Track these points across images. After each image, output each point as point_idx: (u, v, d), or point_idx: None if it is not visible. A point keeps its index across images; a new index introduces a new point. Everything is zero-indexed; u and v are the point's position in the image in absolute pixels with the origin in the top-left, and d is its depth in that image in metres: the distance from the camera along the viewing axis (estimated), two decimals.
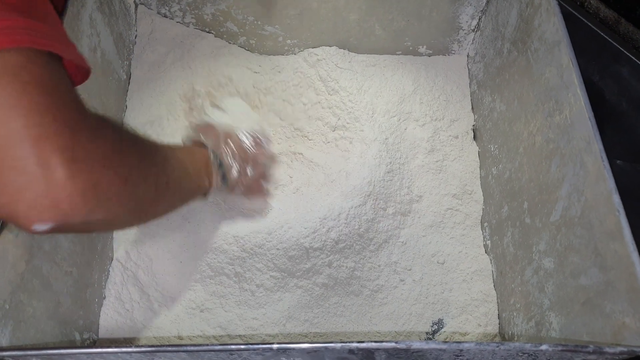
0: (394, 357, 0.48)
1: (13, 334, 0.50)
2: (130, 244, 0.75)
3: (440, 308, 0.76)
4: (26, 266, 0.53)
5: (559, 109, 0.61)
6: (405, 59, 0.92)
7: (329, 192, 0.76)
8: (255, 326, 0.71)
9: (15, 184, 0.36)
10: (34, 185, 0.36)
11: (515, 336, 0.69)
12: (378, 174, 0.77)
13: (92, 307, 0.69)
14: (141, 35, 0.88)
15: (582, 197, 0.55)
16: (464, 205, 0.82)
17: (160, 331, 0.71)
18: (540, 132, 0.65)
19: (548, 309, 0.61)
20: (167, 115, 0.83)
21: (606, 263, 0.50)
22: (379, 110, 0.83)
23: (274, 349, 0.44)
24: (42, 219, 0.37)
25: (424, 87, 0.88)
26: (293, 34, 0.89)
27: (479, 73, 0.87)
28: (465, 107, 0.89)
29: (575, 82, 0.57)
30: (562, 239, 0.59)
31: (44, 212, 0.37)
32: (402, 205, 0.79)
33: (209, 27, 0.90)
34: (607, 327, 0.49)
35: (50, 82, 0.38)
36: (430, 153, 0.83)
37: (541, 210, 0.64)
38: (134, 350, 0.45)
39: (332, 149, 0.81)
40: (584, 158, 0.55)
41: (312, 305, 0.73)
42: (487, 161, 0.82)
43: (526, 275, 0.67)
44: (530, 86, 0.68)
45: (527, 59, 0.69)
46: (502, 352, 0.45)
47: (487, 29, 0.85)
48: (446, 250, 0.79)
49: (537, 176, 0.65)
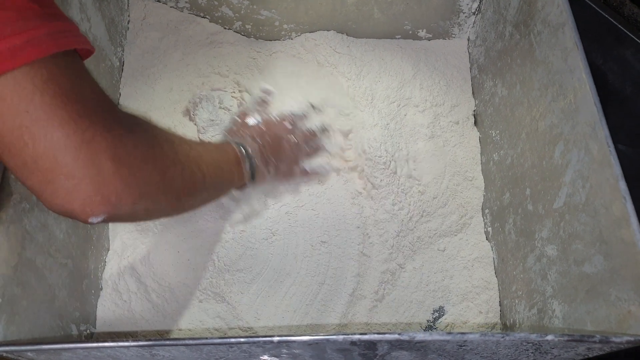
0: (396, 347, 0.48)
1: (7, 328, 0.49)
2: (126, 234, 0.74)
3: (441, 295, 0.76)
4: (19, 259, 0.52)
5: (563, 94, 0.59)
6: (404, 43, 0.90)
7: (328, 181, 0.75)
8: (254, 317, 0.70)
9: (68, 187, 0.40)
10: (84, 185, 0.40)
11: (517, 324, 0.68)
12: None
13: (89, 298, 0.68)
14: (134, 21, 0.86)
15: (586, 184, 0.54)
16: (465, 191, 0.81)
17: (158, 322, 0.70)
18: (543, 118, 0.64)
19: (551, 297, 0.60)
20: (162, 103, 0.81)
21: (611, 250, 0.49)
22: (378, 95, 0.82)
23: (275, 341, 0.44)
24: (96, 213, 0.41)
25: (424, 72, 0.86)
26: (290, 18, 0.87)
27: (480, 57, 0.86)
28: (466, 92, 0.87)
29: (580, 66, 0.56)
30: (565, 226, 0.58)
31: (97, 207, 0.41)
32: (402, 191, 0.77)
33: (204, 11, 0.87)
34: (612, 316, 0.49)
35: (78, 85, 0.40)
36: (430, 139, 0.82)
37: (544, 196, 0.63)
38: (132, 345, 0.45)
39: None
40: (589, 144, 0.54)
41: (312, 295, 0.72)
42: (489, 147, 0.81)
43: (528, 263, 0.66)
44: (533, 70, 0.67)
45: (529, 42, 0.68)
46: (507, 342, 0.45)
47: (488, 11, 0.83)
48: (446, 238, 0.78)
49: (540, 162, 0.64)
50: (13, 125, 0.38)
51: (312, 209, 0.75)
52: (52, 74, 0.39)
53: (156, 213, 0.51)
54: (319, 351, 0.48)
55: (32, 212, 0.55)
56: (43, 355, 0.48)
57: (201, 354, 0.48)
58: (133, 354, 0.47)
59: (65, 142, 0.39)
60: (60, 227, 0.60)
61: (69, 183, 0.39)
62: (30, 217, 0.54)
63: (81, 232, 0.66)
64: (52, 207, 0.41)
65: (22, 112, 0.38)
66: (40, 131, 0.38)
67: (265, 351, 0.48)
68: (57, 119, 0.38)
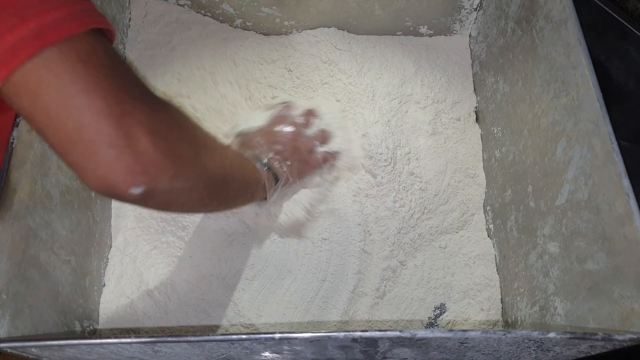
0: (398, 344, 0.48)
1: (11, 324, 0.49)
2: (128, 232, 0.74)
3: (442, 293, 0.76)
4: (23, 256, 0.52)
5: (565, 90, 0.59)
6: (405, 40, 0.90)
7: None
8: (256, 313, 0.70)
9: (109, 157, 0.41)
10: (125, 155, 0.41)
11: (519, 321, 0.68)
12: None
13: (92, 295, 0.69)
14: (135, 18, 0.86)
15: (589, 181, 0.54)
16: (467, 188, 0.81)
17: (160, 319, 0.70)
18: (545, 114, 0.64)
19: (553, 294, 0.60)
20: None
21: (614, 248, 0.49)
22: (379, 92, 0.82)
23: (276, 338, 0.44)
24: (137, 183, 0.42)
25: (425, 69, 0.86)
26: (290, 15, 0.87)
27: (481, 53, 0.86)
28: (467, 89, 0.87)
29: (583, 62, 0.56)
30: (567, 223, 0.58)
31: (137, 177, 0.42)
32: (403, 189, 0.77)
33: (205, 8, 0.87)
34: (615, 313, 0.49)
35: (115, 61, 0.42)
36: (431, 136, 0.82)
37: (546, 193, 0.63)
38: (134, 341, 0.45)
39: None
40: (591, 140, 0.54)
41: (314, 292, 0.72)
42: (490, 144, 0.81)
43: (530, 260, 0.66)
44: (535, 67, 0.67)
45: (532, 38, 0.68)
46: (509, 339, 0.45)
47: (490, 7, 0.83)
48: (448, 235, 0.78)
49: (542, 159, 0.64)
50: (59, 96, 0.39)
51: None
52: (93, 47, 0.40)
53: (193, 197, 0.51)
54: (320, 348, 0.48)
55: (35, 209, 0.55)
56: (47, 351, 0.48)
57: (203, 350, 0.48)
58: (136, 350, 0.47)
59: (107, 112, 0.40)
60: (63, 224, 0.61)
61: (111, 153, 0.40)
62: (34, 215, 0.55)
63: (84, 229, 0.66)
64: (93, 181, 0.42)
65: (68, 83, 0.39)
66: (84, 101, 0.39)
67: (267, 348, 0.48)
68: (100, 89, 0.40)
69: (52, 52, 0.38)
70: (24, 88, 0.39)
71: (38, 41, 0.38)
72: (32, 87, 0.39)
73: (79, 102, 0.39)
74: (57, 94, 0.39)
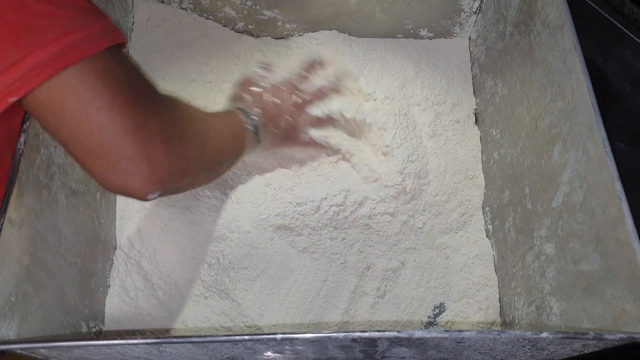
0: (396, 344, 0.49)
1: (20, 326, 0.51)
2: (133, 233, 0.75)
3: (441, 292, 0.77)
4: (31, 259, 0.54)
5: (561, 94, 0.60)
6: (406, 43, 0.91)
7: (330, 172, 0.76)
8: (258, 313, 0.72)
9: (129, 169, 0.44)
10: (142, 166, 0.45)
11: (516, 320, 0.69)
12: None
13: (97, 296, 0.70)
14: (138, 22, 0.87)
15: (584, 184, 0.55)
16: (466, 189, 0.82)
17: (165, 319, 0.72)
18: (542, 117, 0.65)
19: (549, 294, 0.61)
20: None
21: (607, 250, 0.51)
22: (380, 95, 0.82)
23: (278, 339, 0.45)
24: (153, 190, 0.47)
25: (426, 71, 0.87)
26: (292, 18, 0.88)
27: (480, 56, 0.87)
28: (467, 91, 0.88)
29: (578, 67, 0.57)
30: (563, 225, 0.59)
31: (154, 185, 0.46)
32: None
33: (207, 12, 0.88)
34: (608, 313, 0.50)
35: (128, 74, 0.45)
36: (431, 137, 0.83)
37: (543, 195, 0.64)
38: (141, 342, 0.46)
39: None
40: (586, 144, 0.55)
41: (315, 292, 0.73)
42: (489, 146, 0.82)
43: (527, 260, 0.67)
44: (533, 70, 0.68)
45: (529, 42, 0.69)
46: (504, 339, 0.46)
47: (489, 11, 0.83)
48: (447, 235, 0.80)
49: (539, 161, 0.65)
50: (81, 115, 0.42)
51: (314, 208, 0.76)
52: (109, 65, 0.43)
53: (196, 183, 0.57)
54: (321, 348, 0.50)
55: (42, 213, 0.56)
56: (55, 352, 0.49)
57: (207, 350, 0.49)
58: (141, 351, 0.49)
59: (125, 127, 0.43)
60: (69, 227, 0.62)
61: (130, 165, 0.44)
62: (41, 219, 0.56)
63: (89, 231, 0.68)
64: (115, 189, 0.46)
65: (88, 102, 0.42)
66: (104, 119, 0.42)
67: (269, 348, 0.49)
68: (117, 106, 0.43)
69: (73, 72, 0.41)
70: (47, 106, 0.42)
71: (58, 62, 0.40)
72: (55, 105, 0.42)
73: (99, 120, 0.42)
74: (78, 113, 0.42)
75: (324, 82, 0.76)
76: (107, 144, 0.43)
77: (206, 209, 0.74)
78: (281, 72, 0.76)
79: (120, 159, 0.44)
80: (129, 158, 0.44)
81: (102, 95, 0.42)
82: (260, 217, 0.73)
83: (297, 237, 0.74)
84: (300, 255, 0.74)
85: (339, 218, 0.74)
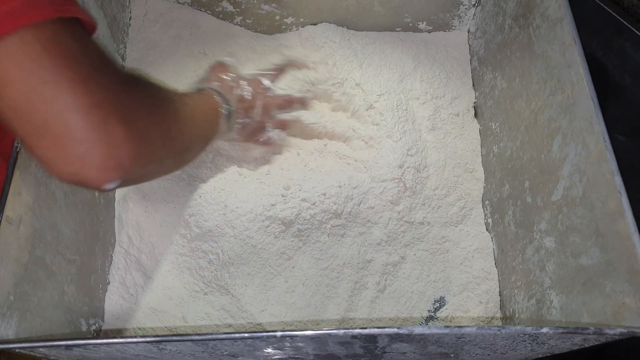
0: (396, 340, 0.49)
1: (19, 324, 0.50)
2: (132, 229, 0.75)
3: (441, 286, 0.77)
4: (29, 257, 0.54)
5: (561, 88, 0.60)
6: (405, 36, 0.90)
7: (329, 167, 0.76)
8: (258, 309, 0.72)
9: (80, 152, 0.39)
10: (97, 150, 0.39)
11: (516, 313, 0.69)
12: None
13: (97, 293, 0.70)
14: (135, 17, 0.86)
15: (583, 178, 0.55)
16: (465, 183, 0.82)
17: (165, 315, 0.72)
18: (542, 111, 0.65)
19: (549, 288, 0.61)
20: None
21: (607, 243, 0.50)
22: (379, 88, 0.82)
23: (278, 336, 0.45)
24: (111, 178, 0.41)
25: (425, 65, 0.86)
26: (290, 12, 0.87)
27: (480, 49, 0.86)
28: (466, 84, 0.88)
29: (577, 61, 0.56)
30: (563, 218, 0.59)
31: (112, 172, 0.41)
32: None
33: (205, 6, 0.88)
34: (608, 307, 0.50)
35: (83, 49, 0.40)
36: (431, 131, 0.83)
37: (542, 189, 0.64)
38: (141, 340, 0.46)
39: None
40: (585, 138, 0.55)
41: (315, 287, 0.73)
42: (489, 139, 0.81)
43: (527, 254, 0.67)
44: (532, 64, 0.67)
45: (528, 35, 0.68)
46: (504, 335, 0.46)
47: (488, 3, 0.83)
48: (447, 229, 0.79)
49: (539, 155, 0.65)
50: (23, 88, 0.37)
51: (313, 202, 0.76)
52: (59, 36, 0.38)
53: (162, 172, 0.53)
54: (321, 344, 0.50)
55: (40, 211, 0.56)
56: (55, 351, 0.49)
57: (207, 348, 0.49)
58: (141, 349, 0.49)
59: (75, 104, 0.38)
60: (68, 224, 0.62)
61: (81, 148, 0.39)
62: (39, 217, 0.56)
63: (88, 228, 0.67)
64: (64, 176, 0.40)
65: (32, 74, 0.37)
66: (50, 93, 0.38)
67: (269, 345, 0.49)
68: (66, 81, 0.38)
69: (15, 41, 0.37)
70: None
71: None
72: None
73: (44, 94, 0.37)
74: (21, 87, 0.37)
75: (294, 92, 0.76)
76: (53, 123, 0.38)
77: (205, 205, 0.74)
78: (252, 68, 0.76)
79: (68, 141, 0.38)
80: (81, 140, 0.38)
81: (48, 68, 0.37)
82: (259, 213, 0.72)
83: (297, 232, 0.74)
84: (300, 250, 0.74)
85: (338, 212, 0.74)
